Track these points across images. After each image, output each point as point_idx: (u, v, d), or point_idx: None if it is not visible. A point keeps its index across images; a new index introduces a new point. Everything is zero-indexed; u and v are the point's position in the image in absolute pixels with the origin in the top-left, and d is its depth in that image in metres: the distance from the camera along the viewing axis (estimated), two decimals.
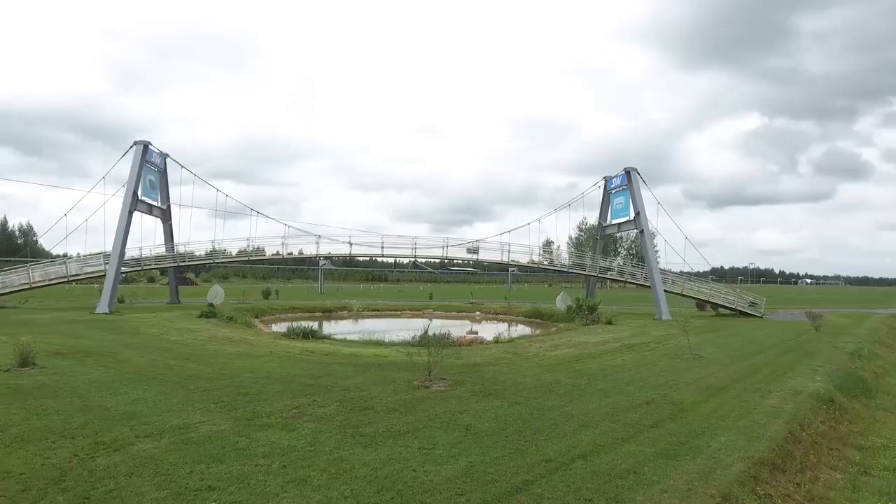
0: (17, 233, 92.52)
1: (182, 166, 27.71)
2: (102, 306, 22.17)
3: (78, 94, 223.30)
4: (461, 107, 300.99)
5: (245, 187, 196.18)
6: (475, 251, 29.06)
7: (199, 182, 29.40)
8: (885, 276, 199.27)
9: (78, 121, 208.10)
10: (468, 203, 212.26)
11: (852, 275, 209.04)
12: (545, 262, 37.80)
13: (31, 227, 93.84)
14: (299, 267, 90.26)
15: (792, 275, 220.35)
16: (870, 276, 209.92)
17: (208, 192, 29.08)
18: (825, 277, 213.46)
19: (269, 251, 30.64)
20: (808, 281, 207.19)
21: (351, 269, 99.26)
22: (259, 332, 17.16)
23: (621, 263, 36.30)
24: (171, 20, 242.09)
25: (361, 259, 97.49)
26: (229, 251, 30.28)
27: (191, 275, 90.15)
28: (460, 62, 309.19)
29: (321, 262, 57.29)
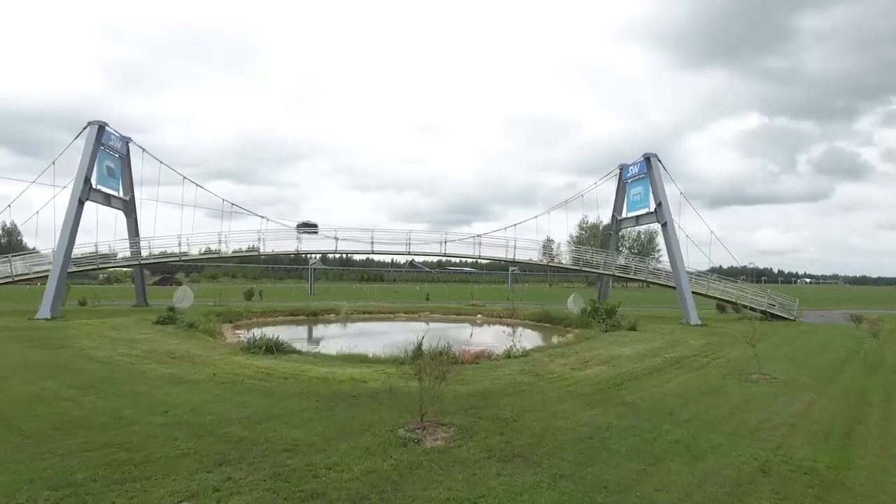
0: (0, 231, 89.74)
1: (144, 150, 24.30)
2: (44, 311, 19.01)
3: (77, 94, 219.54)
4: (461, 107, 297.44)
5: (244, 187, 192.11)
6: (310, 226, 25.43)
7: (190, 178, 25.96)
8: (883, 275, 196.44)
9: (77, 121, 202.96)
10: (467, 203, 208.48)
11: (850, 274, 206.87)
12: (546, 261, 34.66)
13: (14, 225, 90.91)
14: (293, 267, 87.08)
15: (791, 274, 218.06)
16: (868, 275, 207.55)
17: (198, 189, 25.67)
18: (824, 277, 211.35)
19: (243, 248, 27.48)
20: (808, 280, 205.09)
21: (346, 269, 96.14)
22: (215, 343, 14.08)
23: (623, 262, 32.99)
24: (171, 20, 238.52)
25: (358, 259, 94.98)
26: (224, 251, 26.84)
27: (180, 275, 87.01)
28: (460, 62, 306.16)
29: (311, 261, 54.19)
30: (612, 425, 6.61)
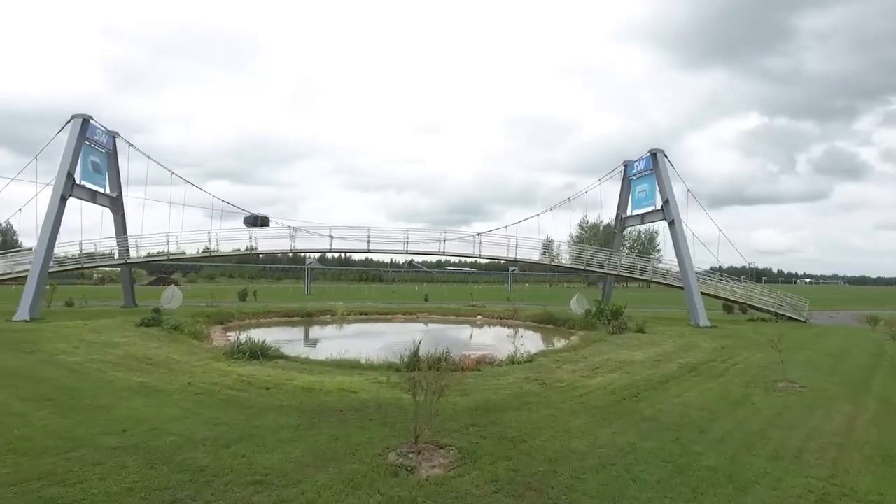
0: None
1: (131, 145, 23.34)
2: (22, 312, 18.10)
3: (77, 94, 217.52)
4: (461, 107, 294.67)
5: (244, 187, 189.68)
6: (259, 220, 24.76)
7: (187, 177, 24.94)
8: (882, 275, 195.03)
9: None
10: (467, 203, 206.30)
11: (850, 274, 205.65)
12: (548, 260, 33.76)
13: (10, 225, 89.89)
14: (291, 267, 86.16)
15: (791, 274, 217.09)
16: (868, 275, 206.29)
17: (193, 187, 24.71)
18: (823, 277, 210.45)
19: (241, 248, 26.59)
20: (808, 280, 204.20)
21: (345, 269, 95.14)
22: (199, 347, 13.21)
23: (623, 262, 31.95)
24: (171, 20, 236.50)
25: (357, 258, 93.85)
26: (217, 251, 25.96)
27: (177, 275, 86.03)
28: (460, 62, 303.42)
29: (308, 261, 53.34)
30: (636, 447, 5.75)
